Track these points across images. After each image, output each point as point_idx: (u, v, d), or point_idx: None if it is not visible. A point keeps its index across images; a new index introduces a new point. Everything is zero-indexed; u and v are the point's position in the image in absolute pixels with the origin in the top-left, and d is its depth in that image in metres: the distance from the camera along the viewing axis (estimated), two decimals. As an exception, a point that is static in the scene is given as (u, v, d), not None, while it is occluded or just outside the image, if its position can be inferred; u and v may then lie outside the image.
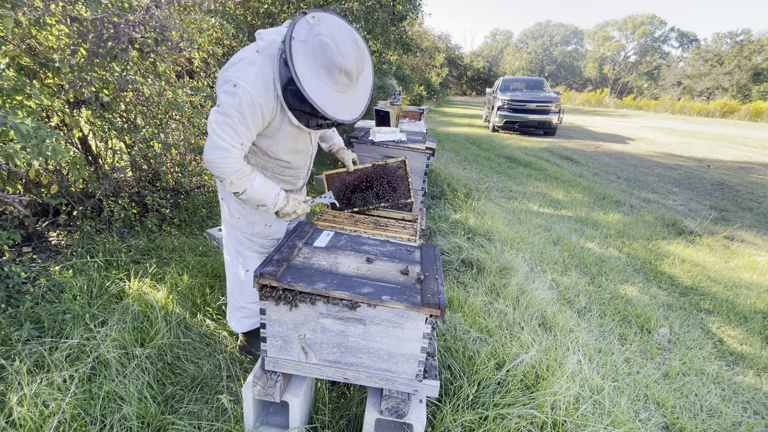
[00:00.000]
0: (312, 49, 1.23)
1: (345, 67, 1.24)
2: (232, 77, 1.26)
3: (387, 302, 1.16)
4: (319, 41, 1.22)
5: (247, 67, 1.26)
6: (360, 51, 1.28)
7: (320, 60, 1.23)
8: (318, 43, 1.22)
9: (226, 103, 1.25)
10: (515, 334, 2.02)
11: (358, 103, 1.38)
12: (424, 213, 3.18)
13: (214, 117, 1.28)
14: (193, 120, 3.09)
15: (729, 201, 5.84)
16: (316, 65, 1.24)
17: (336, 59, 1.22)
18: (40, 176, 2.25)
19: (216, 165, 1.30)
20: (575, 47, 71.54)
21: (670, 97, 39.24)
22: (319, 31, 1.23)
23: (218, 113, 1.27)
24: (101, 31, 2.08)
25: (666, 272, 3.32)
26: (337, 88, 1.29)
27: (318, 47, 1.22)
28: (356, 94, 1.36)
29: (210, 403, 1.61)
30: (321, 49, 1.22)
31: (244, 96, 1.24)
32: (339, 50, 1.22)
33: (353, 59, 1.25)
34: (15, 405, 1.36)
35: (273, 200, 1.45)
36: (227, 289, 1.77)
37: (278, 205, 1.48)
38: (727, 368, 2.21)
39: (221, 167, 1.31)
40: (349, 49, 1.24)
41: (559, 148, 9.44)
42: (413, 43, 7.88)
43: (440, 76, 30.28)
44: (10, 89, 1.71)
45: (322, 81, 1.26)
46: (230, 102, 1.25)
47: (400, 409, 1.27)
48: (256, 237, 1.63)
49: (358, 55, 1.27)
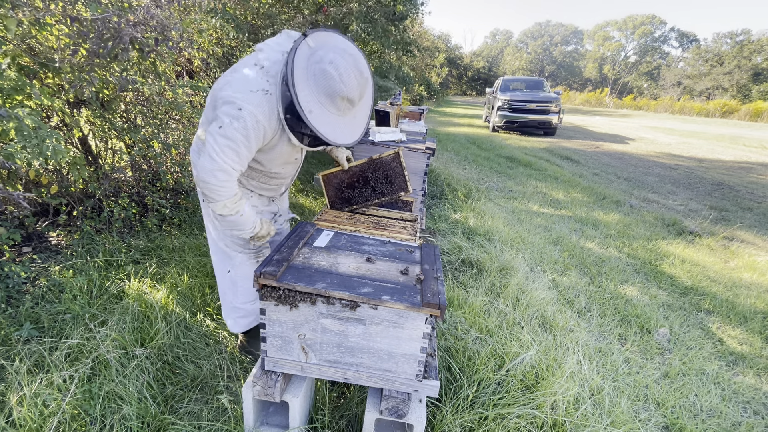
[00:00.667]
0: (314, 77, 1.21)
1: (347, 95, 1.24)
2: (235, 99, 1.22)
3: (387, 302, 1.16)
4: (321, 69, 1.21)
5: (253, 88, 1.23)
6: (362, 77, 1.27)
7: (322, 88, 1.22)
8: (320, 71, 1.21)
9: (230, 126, 1.21)
10: (515, 334, 2.02)
11: (359, 125, 1.38)
12: (424, 213, 3.18)
13: (215, 139, 1.22)
14: (193, 120, 3.09)
15: (729, 201, 5.84)
16: (318, 92, 1.23)
17: (338, 87, 1.22)
18: (40, 176, 2.25)
19: (213, 187, 1.26)
20: (575, 47, 71.55)
21: (670, 97, 39.24)
22: (321, 57, 1.22)
23: (220, 135, 1.22)
24: (102, 31, 2.08)
25: (666, 272, 3.32)
26: (338, 113, 1.29)
27: (320, 75, 1.21)
28: (357, 117, 1.37)
29: (210, 403, 1.61)
30: (323, 77, 1.21)
31: (250, 119, 1.22)
32: (342, 79, 1.21)
33: (356, 86, 1.25)
34: (15, 405, 1.36)
35: (251, 227, 1.46)
36: (219, 290, 1.76)
37: (255, 230, 1.48)
38: (727, 368, 2.21)
39: (219, 190, 1.27)
40: (351, 77, 1.23)
41: (559, 148, 9.44)
42: (414, 43, 7.88)
43: (440, 76, 30.28)
44: (11, 89, 1.71)
45: (324, 108, 1.25)
46: (235, 126, 1.21)
47: (400, 409, 1.27)
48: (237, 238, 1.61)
49: (361, 81, 1.26)
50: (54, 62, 2.08)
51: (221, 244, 1.63)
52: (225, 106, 1.24)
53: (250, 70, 1.27)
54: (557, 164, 7.56)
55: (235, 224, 1.41)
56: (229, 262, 1.65)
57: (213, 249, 1.68)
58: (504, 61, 70.93)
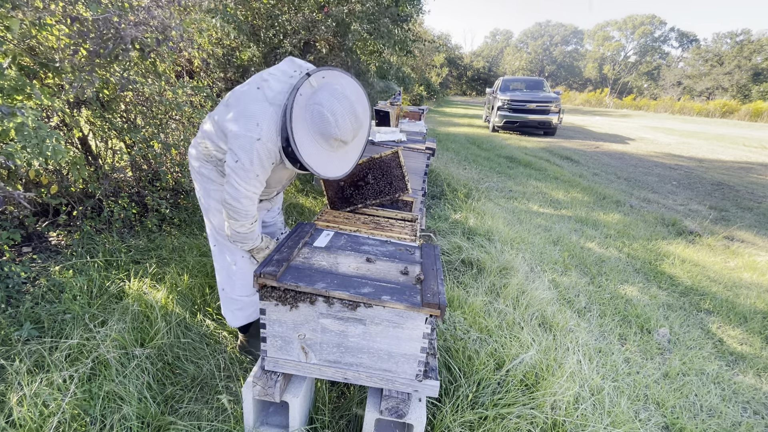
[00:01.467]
0: (311, 117, 1.32)
1: (341, 138, 1.35)
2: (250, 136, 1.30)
3: (387, 302, 1.16)
4: (319, 112, 1.31)
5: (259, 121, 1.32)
6: (357, 121, 1.37)
7: (318, 128, 1.33)
8: (318, 114, 1.31)
9: (246, 159, 1.32)
10: (515, 334, 2.02)
11: (349, 160, 1.50)
12: (424, 213, 3.18)
13: (236, 172, 1.33)
14: (193, 120, 3.09)
15: (729, 201, 5.84)
16: (314, 132, 1.34)
17: (333, 131, 1.33)
18: (40, 176, 2.25)
19: (239, 210, 1.39)
20: (575, 47, 71.55)
21: (670, 97, 39.24)
22: (320, 101, 1.31)
23: (239, 168, 1.33)
24: (102, 32, 2.08)
25: (666, 272, 3.32)
26: (331, 150, 1.40)
27: (317, 117, 1.32)
28: (348, 153, 1.48)
29: (210, 403, 1.61)
30: (320, 120, 1.31)
31: (263, 150, 1.33)
32: (337, 124, 1.32)
33: (350, 130, 1.36)
34: (15, 405, 1.36)
35: (255, 242, 1.55)
36: (218, 283, 1.77)
37: (255, 244, 1.56)
38: (727, 368, 2.21)
39: (245, 213, 1.40)
40: (347, 122, 1.33)
41: (559, 148, 9.44)
42: (417, 41, 7.88)
43: (440, 76, 30.29)
44: (11, 89, 1.71)
45: (318, 145, 1.37)
46: (251, 160, 1.32)
47: (400, 409, 1.27)
48: None
49: (355, 125, 1.37)
50: (54, 62, 2.08)
51: (220, 237, 1.65)
52: (237, 141, 1.33)
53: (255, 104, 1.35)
54: (557, 164, 7.56)
55: (245, 239, 1.51)
56: (229, 254, 1.67)
57: (212, 241, 1.70)
58: (504, 61, 70.94)
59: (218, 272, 1.74)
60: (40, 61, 2.04)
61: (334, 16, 4.64)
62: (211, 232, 1.68)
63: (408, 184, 1.92)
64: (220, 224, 1.60)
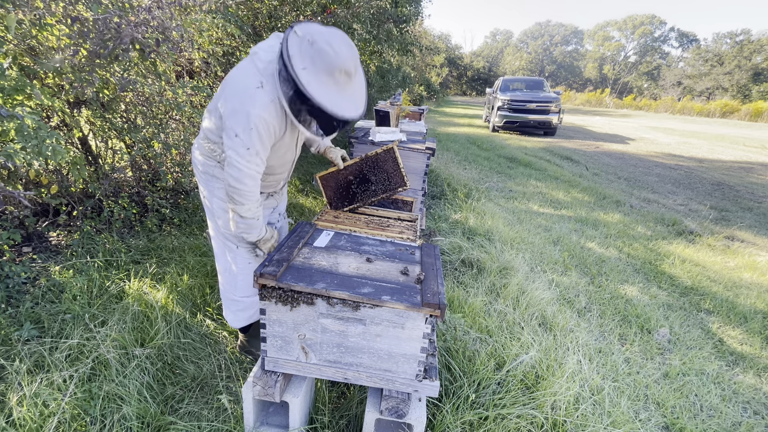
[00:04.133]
0: (311, 58, 1.28)
1: (344, 67, 1.30)
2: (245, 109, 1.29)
3: (387, 302, 1.16)
4: (318, 49, 1.28)
5: (256, 94, 1.31)
6: (352, 49, 1.36)
7: (321, 66, 1.29)
8: (317, 51, 1.28)
9: (246, 135, 1.31)
10: (515, 334, 2.02)
11: (360, 98, 1.44)
12: (424, 213, 3.18)
13: (236, 150, 1.32)
14: (193, 120, 3.09)
15: (729, 201, 5.84)
16: (317, 72, 1.29)
17: (335, 61, 1.28)
18: (40, 176, 2.25)
19: (243, 192, 1.38)
20: (575, 47, 71.55)
21: (671, 98, 39.21)
22: (313, 39, 1.29)
23: (241, 146, 1.32)
24: (103, 32, 2.08)
25: (666, 272, 3.32)
26: (338, 89, 1.34)
27: (317, 55, 1.28)
28: (355, 90, 1.42)
29: (210, 403, 1.61)
30: (320, 56, 1.28)
31: (261, 124, 1.31)
32: (336, 53, 1.28)
33: (350, 57, 1.32)
34: (15, 405, 1.36)
35: (259, 232, 1.54)
36: (219, 282, 1.76)
37: (260, 235, 1.55)
38: (727, 368, 2.21)
39: (248, 194, 1.39)
40: (344, 50, 1.30)
41: (559, 148, 9.44)
42: (415, 43, 7.88)
43: (440, 76, 30.27)
44: (11, 89, 1.71)
45: (326, 86, 1.31)
46: (250, 135, 1.31)
47: (400, 409, 1.27)
48: None
49: (352, 51, 1.34)
50: (54, 62, 2.08)
51: (224, 238, 1.64)
52: (233, 117, 1.31)
53: (245, 77, 1.35)
54: (557, 164, 7.56)
55: (250, 227, 1.49)
56: (230, 255, 1.66)
57: (216, 242, 1.70)
58: (504, 61, 70.92)
59: (221, 273, 1.73)
60: (41, 61, 2.04)
61: (336, 16, 4.64)
62: (215, 234, 1.68)
63: (406, 178, 1.90)
64: (225, 223, 1.59)
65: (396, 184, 1.92)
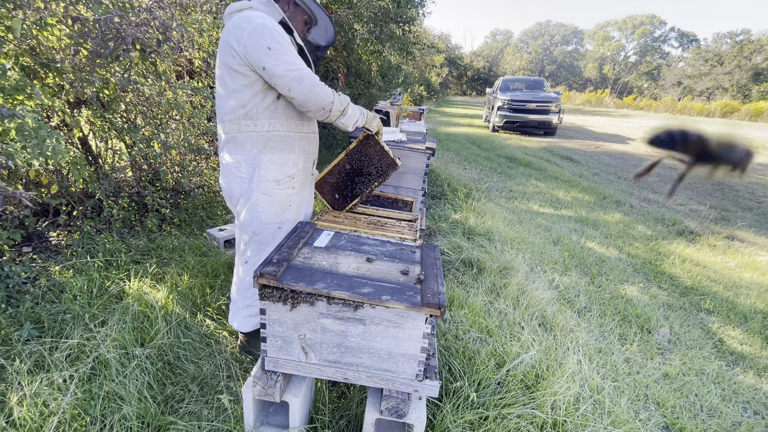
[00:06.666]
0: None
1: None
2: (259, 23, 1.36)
3: (387, 302, 1.16)
4: None
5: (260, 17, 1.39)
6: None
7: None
8: None
9: (273, 41, 1.35)
10: (515, 334, 2.02)
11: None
12: (424, 213, 3.18)
13: (276, 62, 1.35)
14: (193, 120, 3.09)
15: (729, 201, 5.84)
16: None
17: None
18: (40, 176, 2.25)
19: (318, 94, 1.40)
20: (575, 47, 71.57)
21: (671, 98, 39.19)
22: None
23: (278, 52, 1.35)
24: (104, 32, 2.08)
25: (666, 272, 3.31)
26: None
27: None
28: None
29: (210, 403, 1.61)
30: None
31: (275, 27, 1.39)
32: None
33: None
34: (15, 405, 1.36)
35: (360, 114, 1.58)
36: (236, 287, 1.75)
37: (366, 117, 1.61)
38: (727, 368, 2.21)
39: (322, 93, 1.41)
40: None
41: (559, 148, 9.44)
42: (416, 43, 7.89)
43: (440, 76, 30.27)
44: (12, 89, 1.71)
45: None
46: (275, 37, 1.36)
47: (400, 409, 1.27)
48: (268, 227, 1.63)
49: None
50: (55, 62, 2.08)
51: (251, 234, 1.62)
52: (254, 37, 1.35)
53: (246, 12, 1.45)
54: (557, 164, 7.56)
55: (350, 118, 1.54)
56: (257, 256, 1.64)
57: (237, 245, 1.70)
58: (504, 61, 70.92)
59: (238, 279, 1.73)
60: (41, 61, 2.04)
61: (337, 16, 4.63)
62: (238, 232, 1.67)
63: (395, 158, 1.84)
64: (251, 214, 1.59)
65: (387, 167, 1.88)
